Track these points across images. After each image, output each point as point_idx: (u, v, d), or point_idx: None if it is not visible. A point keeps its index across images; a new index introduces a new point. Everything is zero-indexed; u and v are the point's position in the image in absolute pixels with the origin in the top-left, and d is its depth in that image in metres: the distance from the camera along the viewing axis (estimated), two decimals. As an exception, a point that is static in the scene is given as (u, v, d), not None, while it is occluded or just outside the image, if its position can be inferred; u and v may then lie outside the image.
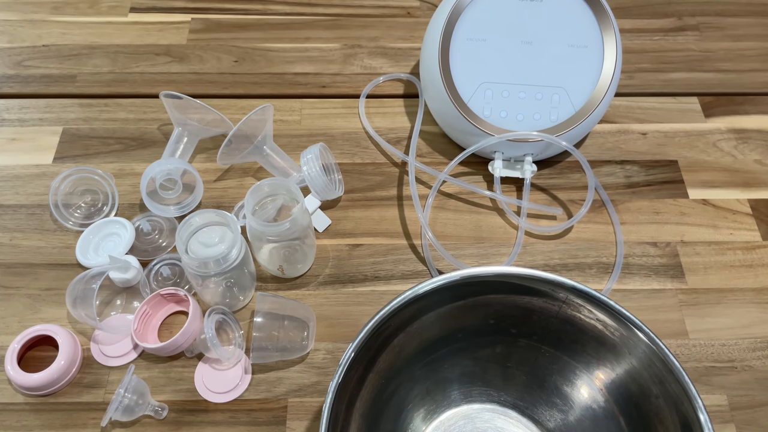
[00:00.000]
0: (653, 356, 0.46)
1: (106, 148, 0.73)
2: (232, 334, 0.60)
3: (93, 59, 0.81)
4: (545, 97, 0.67)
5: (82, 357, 0.59)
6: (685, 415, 0.44)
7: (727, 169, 0.74)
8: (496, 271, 0.49)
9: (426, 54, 0.71)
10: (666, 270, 0.66)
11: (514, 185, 0.72)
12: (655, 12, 0.89)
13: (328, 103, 0.78)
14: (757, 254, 0.67)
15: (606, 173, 0.73)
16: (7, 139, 0.74)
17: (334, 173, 0.69)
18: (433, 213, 0.69)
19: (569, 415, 0.54)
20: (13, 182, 0.70)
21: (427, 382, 0.55)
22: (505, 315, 0.53)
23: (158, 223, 0.67)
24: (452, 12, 0.68)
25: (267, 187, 0.59)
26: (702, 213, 0.70)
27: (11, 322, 0.61)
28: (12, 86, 0.79)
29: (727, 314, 0.63)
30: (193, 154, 0.72)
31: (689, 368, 0.60)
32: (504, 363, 0.55)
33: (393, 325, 0.49)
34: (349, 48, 0.84)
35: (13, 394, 0.57)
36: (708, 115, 0.78)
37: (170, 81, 0.80)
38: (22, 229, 0.67)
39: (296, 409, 0.57)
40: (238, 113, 0.76)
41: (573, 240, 0.68)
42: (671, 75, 0.82)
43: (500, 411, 0.56)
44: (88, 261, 0.64)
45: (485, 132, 0.67)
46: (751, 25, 0.88)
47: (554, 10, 0.68)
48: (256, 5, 0.88)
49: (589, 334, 0.50)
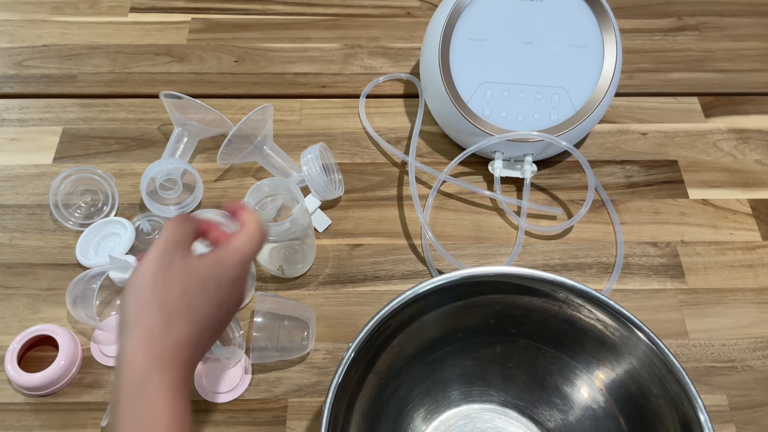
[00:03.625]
0: (653, 356, 0.46)
1: (106, 148, 0.73)
2: (232, 334, 0.60)
3: (93, 59, 0.81)
4: (545, 97, 0.67)
5: (82, 357, 0.59)
6: (685, 415, 0.44)
7: (727, 169, 0.74)
8: (496, 271, 0.49)
9: (426, 54, 0.71)
10: (666, 270, 0.66)
11: (514, 185, 0.72)
12: (655, 12, 0.89)
13: (328, 103, 0.78)
14: (757, 254, 0.67)
15: (606, 173, 0.73)
16: (7, 139, 0.74)
17: (334, 173, 0.69)
18: (433, 213, 0.69)
19: (569, 415, 0.54)
20: (13, 182, 0.70)
21: (427, 382, 0.55)
22: (505, 315, 0.53)
23: (158, 223, 0.67)
24: (452, 12, 0.68)
25: (267, 187, 0.59)
26: (702, 213, 0.70)
27: (11, 322, 0.61)
28: (12, 86, 0.79)
29: (727, 314, 0.63)
30: (193, 154, 0.72)
31: (689, 368, 0.60)
32: (504, 363, 0.55)
33: (393, 325, 0.49)
34: (349, 48, 0.84)
35: (13, 394, 0.57)
36: (708, 115, 0.78)
37: (170, 81, 0.80)
38: (22, 229, 0.67)
39: (296, 409, 0.57)
40: (238, 113, 0.76)
41: (573, 240, 0.68)
42: (671, 75, 0.82)
43: (500, 411, 0.56)
44: (88, 261, 0.64)
45: (485, 132, 0.67)
46: (751, 25, 0.88)
47: (554, 10, 0.68)
48: (256, 5, 0.88)
49: (589, 334, 0.50)
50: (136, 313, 0.39)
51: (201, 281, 0.40)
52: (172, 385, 0.38)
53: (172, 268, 0.40)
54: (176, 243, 0.41)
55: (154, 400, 0.37)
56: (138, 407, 0.37)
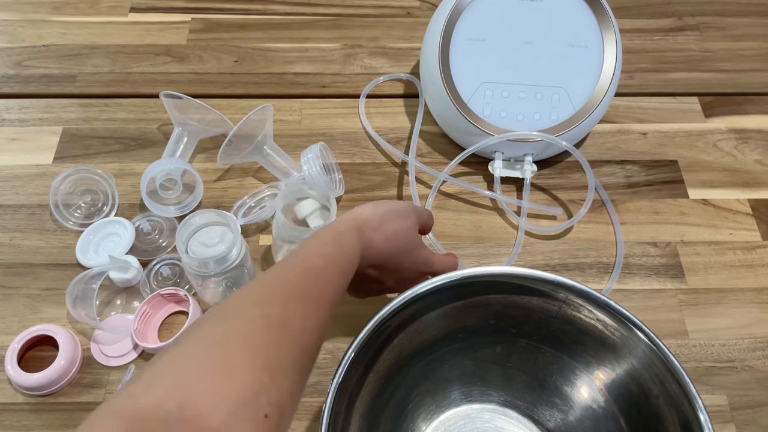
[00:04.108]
0: (653, 356, 0.46)
1: (106, 148, 0.73)
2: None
3: (93, 59, 0.81)
4: (545, 97, 0.67)
5: (82, 357, 0.59)
6: (685, 415, 0.44)
7: (727, 169, 0.74)
8: (496, 271, 0.49)
9: (426, 54, 0.71)
10: (666, 270, 0.66)
11: (514, 185, 0.72)
12: (655, 12, 0.89)
13: (328, 103, 0.78)
14: (757, 254, 0.67)
15: (606, 173, 0.73)
16: (7, 139, 0.74)
17: (334, 173, 0.69)
18: (433, 213, 0.69)
19: (569, 415, 0.54)
20: (13, 182, 0.70)
21: (427, 382, 0.55)
22: (505, 315, 0.53)
23: (158, 223, 0.67)
24: (452, 12, 0.68)
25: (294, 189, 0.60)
26: (702, 213, 0.70)
27: (11, 322, 0.61)
28: (12, 86, 0.79)
29: (727, 314, 0.63)
30: (193, 154, 0.72)
31: (689, 368, 0.60)
32: (504, 363, 0.55)
33: (393, 325, 0.49)
34: (349, 48, 0.84)
35: (13, 394, 0.57)
36: (708, 115, 0.78)
37: (170, 81, 0.80)
38: (22, 229, 0.67)
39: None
40: (238, 113, 0.76)
41: (573, 240, 0.68)
42: (671, 75, 0.82)
43: (500, 411, 0.56)
44: (88, 261, 0.64)
45: (485, 132, 0.67)
46: (751, 25, 0.88)
47: (554, 10, 0.68)
48: (256, 5, 0.88)
49: (589, 334, 0.50)
50: (373, 211, 0.49)
51: (410, 245, 0.52)
52: (356, 253, 0.46)
53: (409, 219, 0.52)
54: (419, 217, 0.53)
55: (350, 241, 0.46)
56: (335, 236, 0.46)
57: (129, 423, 0.29)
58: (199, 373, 0.32)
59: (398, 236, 0.50)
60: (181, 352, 0.34)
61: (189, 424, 0.29)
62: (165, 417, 0.29)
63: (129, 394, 0.31)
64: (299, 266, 0.42)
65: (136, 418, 0.29)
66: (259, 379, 0.33)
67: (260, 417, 0.32)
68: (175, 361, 0.33)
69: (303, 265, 0.42)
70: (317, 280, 0.42)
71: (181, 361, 0.33)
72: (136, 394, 0.31)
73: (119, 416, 0.29)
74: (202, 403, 0.30)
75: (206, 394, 0.31)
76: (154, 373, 0.32)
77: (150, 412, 0.29)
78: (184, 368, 0.32)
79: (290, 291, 0.40)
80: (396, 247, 0.50)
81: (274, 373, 0.34)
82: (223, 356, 0.33)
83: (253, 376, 0.33)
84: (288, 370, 0.36)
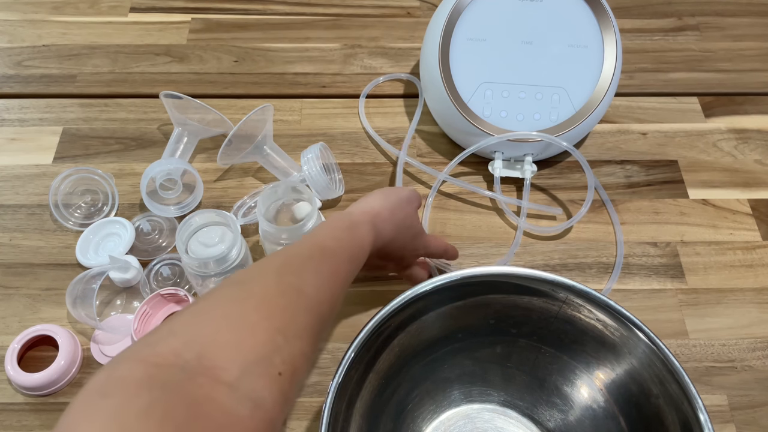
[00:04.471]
0: (653, 356, 0.46)
1: (106, 148, 0.73)
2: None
3: (93, 59, 0.81)
4: (545, 97, 0.67)
5: (82, 357, 0.59)
6: (685, 415, 0.44)
7: (727, 169, 0.74)
8: (496, 271, 0.49)
9: (426, 54, 0.71)
10: (666, 270, 0.66)
11: (514, 185, 0.72)
12: (655, 12, 0.89)
13: (328, 103, 0.78)
14: (757, 254, 0.67)
15: (606, 173, 0.73)
16: (7, 139, 0.74)
17: (334, 173, 0.69)
18: (433, 213, 0.69)
19: (569, 415, 0.54)
20: (13, 182, 0.70)
21: (427, 382, 0.55)
22: (505, 315, 0.53)
23: (158, 223, 0.67)
24: (452, 12, 0.68)
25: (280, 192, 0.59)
26: (702, 213, 0.70)
27: (11, 322, 0.61)
28: (12, 86, 0.79)
29: (727, 314, 0.63)
30: (193, 154, 0.72)
31: (689, 368, 0.60)
32: (504, 363, 0.55)
33: (393, 325, 0.49)
34: (349, 48, 0.84)
35: (13, 394, 0.57)
36: (708, 115, 0.78)
37: (170, 81, 0.80)
38: (22, 229, 0.67)
39: (296, 409, 0.57)
40: (238, 113, 0.76)
41: (573, 240, 0.68)
42: (671, 75, 0.82)
43: (500, 411, 0.56)
44: (88, 261, 0.64)
45: (485, 132, 0.67)
46: (751, 25, 0.88)
47: (554, 10, 0.68)
48: (256, 5, 0.88)
49: (589, 334, 0.50)
50: (383, 202, 0.51)
51: (413, 232, 0.54)
52: (368, 244, 0.47)
53: (412, 205, 0.55)
54: (419, 200, 0.57)
55: (363, 232, 0.47)
56: (347, 224, 0.47)
57: (148, 368, 0.29)
58: (216, 327, 0.33)
59: (405, 224, 0.52)
60: (199, 310, 0.34)
61: (207, 375, 0.30)
62: (183, 365, 0.30)
63: (147, 343, 0.31)
64: (315, 246, 0.44)
65: (155, 364, 0.30)
66: (273, 338, 0.34)
67: (274, 374, 0.33)
68: (193, 316, 0.34)
69: (318, 245, 0.44)
70: (331, 260, 0.43)
71: (199, 317, 0.34)
72: (153, 342, 0.31)
73: (139, 361, 0.30)
74: (218, 357, 0.31)
75: (222, 348, 0.32)
76: (172, 327, 0.33)
77: (169, 359, 0.30)
78: (202, 323, 0.33)
79: (306, 263, 0.41)
80: (403, 236, 0.52)
81: (288, 334, 0.35)
82: (240, 314, 0.34)
83: (268, 335, 0.34)
84: (302, 333, 0.37)
